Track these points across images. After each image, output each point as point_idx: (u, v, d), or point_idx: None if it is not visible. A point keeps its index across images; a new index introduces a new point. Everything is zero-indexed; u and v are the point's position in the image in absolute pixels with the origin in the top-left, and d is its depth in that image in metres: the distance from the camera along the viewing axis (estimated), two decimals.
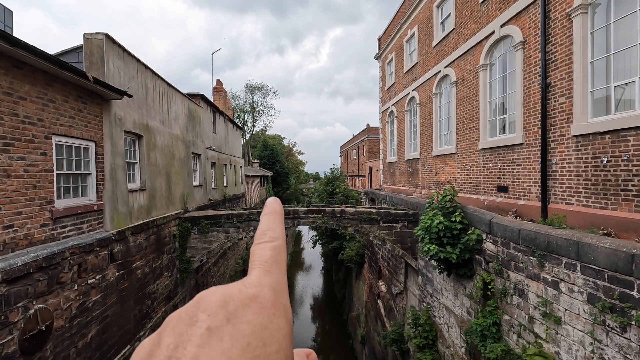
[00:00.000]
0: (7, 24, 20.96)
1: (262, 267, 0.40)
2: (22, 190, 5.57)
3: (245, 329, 0.34)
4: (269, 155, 46.97)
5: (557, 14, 6.84)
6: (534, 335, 5.76)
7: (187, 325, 0.34)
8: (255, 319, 0.35)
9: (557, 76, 6.90)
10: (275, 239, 0.43)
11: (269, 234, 0.44)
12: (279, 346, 0.34)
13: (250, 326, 0.34)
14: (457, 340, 8.51)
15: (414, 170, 15.19)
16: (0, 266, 4.79)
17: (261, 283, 0.38)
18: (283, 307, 0.37)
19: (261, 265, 0.40)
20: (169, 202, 11.39)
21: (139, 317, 8.84)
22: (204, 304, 0.35)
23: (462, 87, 10.94)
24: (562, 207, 6.71)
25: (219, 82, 26.74)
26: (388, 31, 19.18)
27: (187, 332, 0.34)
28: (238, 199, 22.59)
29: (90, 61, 7.81)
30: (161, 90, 11.19)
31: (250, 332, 0.34)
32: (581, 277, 4.83)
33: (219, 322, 0.34)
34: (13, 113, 5.43)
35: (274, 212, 0.47)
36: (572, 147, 6.52)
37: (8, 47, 4.97)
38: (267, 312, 0.36)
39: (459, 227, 7.82)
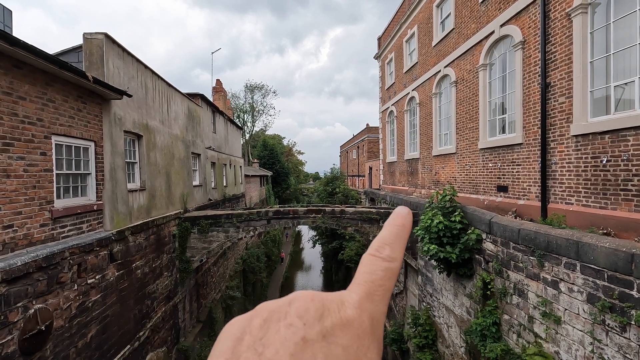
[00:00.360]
0: (6, 23, 20.93)
1: (367, 287, 0.37)
2: (22, 190, 5.57)
3: (339, 354, 0.31)
4: (269, 155, 46.98)
5: (557, 13, 6.84)
6: (533, 334, 5.76)
7: (280, 323, 0.33)
8: (350, 345, 0.32)
9: (556, 76, 6.90)
10: (392, 260, 0.40)
11: (387, 251, 0.40)
12: None
13: (345, 352, 0.32)
14: (456, 340, 8.52)
15: (414, 170, 15.19)
16: (0, 266, 4.79)
17: (362, 307, 0.35)
18: (377, 339, 0.35)
19: (367, 285, 0.37)
20: (169, 202, 11.38)
21: (138, 317, 8.83)
22: (300, 308, 0.34)
23: (461, 87, 10.94)
24: (561, 206, 6.71)
25: (218, 82, 26.72)
26: (388, 31, 19.17)
27: (280, 332, 0.32)
28: (238, 199, 22.58)
29: (90, 61, 7.81)
30: (161, 90, 11.19)
31: (343, 357, 0.32)
32: (581, 277, 4.83)
33: (314, 335, 0.32)
34: (13, 113, 5.42)
35: (403, 227, 0.43)
36: (572, 146, 6.52)
37: (8, 46, 4.97)
38: (362, 342, 0.33)
39: (459, 226, 7.82)
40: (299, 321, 0.32)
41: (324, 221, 11.68)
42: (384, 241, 0.41)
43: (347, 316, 0.34)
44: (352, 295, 0.36)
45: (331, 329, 0.33)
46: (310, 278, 37.46)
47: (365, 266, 0.39)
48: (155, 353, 9.60)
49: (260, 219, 11.69)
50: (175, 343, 11.08)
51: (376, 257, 0.40)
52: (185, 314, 12.23)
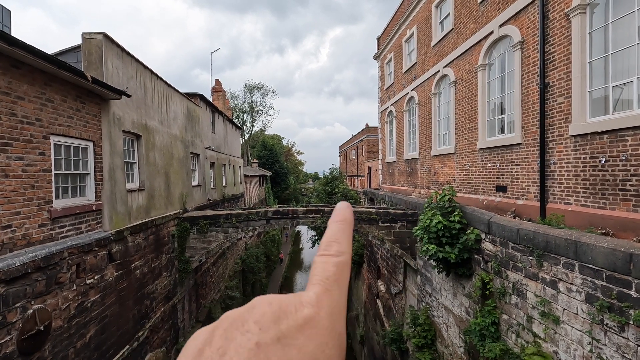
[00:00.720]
0: (5, 23, 20.89)
1: (323, 284, 0.38)
2: (21, 190, 5.56)
3: (294, 355, 0.32)
4: (268, 155, 46.97)
5: (556, 14, 6.85)
6: (532, 334, 5.77)
7: (237, 331, 0.33)
8: (307, 345, 0.33)
9: (555, 76, 6.92)
10: (341, 253, 0.41)
11: (335, 247, 0.41)
12: None
13: (300, 353, 0.32)
14: (455, 339, 8.53)
15: (413, 170, 15.21)
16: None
17: (319, 304, 0.36)
18: (338, 335, 0.35)
19: (322, 282, 0.38)
20: (168, 202, 11.37)
21: (137, 317, 8.82)
22: (257, 313, 0.34)
23: (461, 87, 10.95)
24: (560, 206, 6.72)
25: (217, 82, 26.71)
26: (387, 31, 19.18)
27: (236, 339, 0.32)
28: (237, 199, 22.57)
29: (88, 61, 7.80)
30: (160, 90, 11.18)
31: (298, 359, 0.32)
32: (579, 277, 4.84)
33: (269, 339, 0.32)
34: (11, 113, 5.41)
35: (345, 221, 0.44)
36: (571, 147, 6.53)
37: (6, 46, 4.96)
38: (320, 340, 0.34)
39: (458, 226, 7.83)
40: (255, 327, 0.33)
41: (323, 221, 11.67)
42: (330, 239, 0.42)
43: (304, 315, 0.35)
44: (309, 294, 0.37)
45: (287, 331, 0.33)
46: None
47: (318, 266, 0.40)
48: (154, 353, 9.59)
49: (259, 219, 11.69)
50: (174, 343, 11.07)
51: (325, 255, 0.41)
52: (185, 314, 12.22)
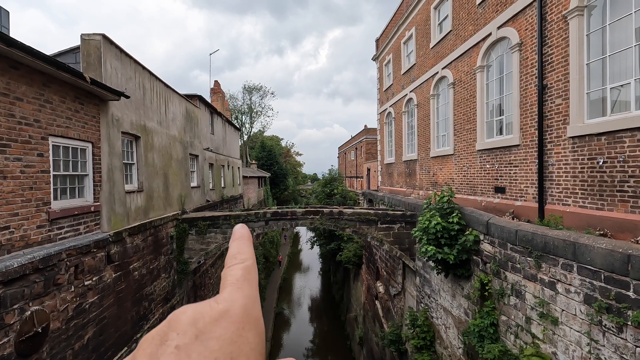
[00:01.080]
0: (3, 24, 20.86)
1: (234, 285, 0.41)
2: (19, 191, 5.54)
3: (213, 345, 0.34)
4: (267, 156, 46.96)
5: (554, 16, 6.88)
6: (531, 335, 5.77)
7: (157, 346, 0.35)
8: (224, 334, 0.35)
9: (553, 78, 6.95)
10: (245, 260, 0.45)
11: (239, 257, 0.45)
12: (248, 355, 0.35)
13: (219, 342, 0.35)
14: (454, 341, 8.53)
15: (412, 172, 15.23)
16: None
17: (232, 298, 0.39)
18: (254, 320, 0.38)
19: (233, 284, 0.41)
20: (167, 203, 11.36)
21: (136, 318, 8.80)
22: (175, 323, 0.36)
23: (459, 89, 10.98)
24: (558, 208, 6.74)
25: (216, 83, 26.71)
26: (386, 33, 19.23)
27: (157, 352, 0.34)
28: (236, 200, 22.55)
29: (87, 62, 7.79)
30: (159, 91, 11.17)
31: (218, 347, 0.34)
32: (578, 278, 4.85)
33: (187, 339, 0.34)
34: (10, 114, 5.40)
35: (242, 237, 0.49)
36: (569, 148, 6.55)
37: (4, 47, 4.95)
38: (236, 327, 0.36)
39: (457, 228, 7.84)
40: (173, 334, 0.35)
41: (322, 222, 11.68)
42: (233, 254, 0.46)
43: (219, 310, 0.37)
44: (223, 294, 0.40)
45: (204, 328, 0.35)
46: (308, 279, 37.44)
47: (227, 276, 0.43)
48: None
49: (258, 220, 11.68)
50: None
51: (231, 266, 0.44)
52: None
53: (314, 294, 32.72)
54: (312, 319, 27.55)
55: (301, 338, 23.89)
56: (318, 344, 23.22)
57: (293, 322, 27.00)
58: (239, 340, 0.36)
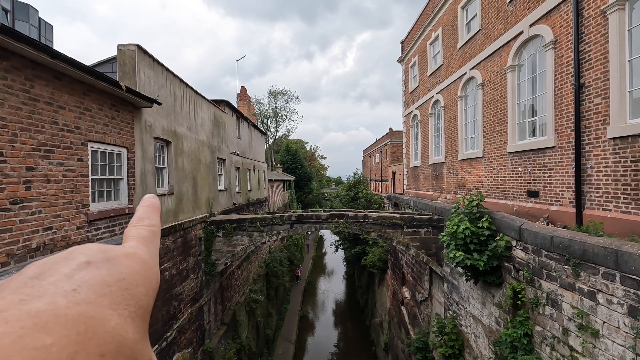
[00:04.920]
0: (48, 38, 22.30)
1: (139, 240, 0.42)
2: (61, 194, 5.89)
3: (123, 270, 0.35)
4: (292, 159, 47.40)
5: (591, 11, 6.54)
6: (569, 348, 5.46)
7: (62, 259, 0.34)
8: (133, 266, 0.37)
9: (591, 76, 6.59)
10: (152, 226, 0.46)
11: (147, 221, 0.46)
12: (147, 291, 0.36)
13: (128, 269, 0.36)
14: (485, 350, 8.20)
15: (439, 175, 14.87)
16: None
17: (138, 248, 0.41)
18: (155, 272, 0.40)
19: (138, 239, 0.42)
20: (195, 206, 11.70)
21: (166, 317, 9.09)
22: (80, 248, 0.36)
23: (488, 89, 10.64)
24: (598, 213, 6.36)
25: (243, 89, 27.33)
26: (411, 34, 18.98)
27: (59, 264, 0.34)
28: (261, 203, 22.90)
29: (123, 71, 8.20)
30: (188, 97, 11.57)
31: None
32: (621, 288, 4.55)
33: (98, 260, 0.35)
34: (53, 121, 5.77)
35: (152, 205, 0.50)
36: (609, 150, 6.18)
37: (49, 59, 5.31)
38: (141, 266, 0.38)
39: (487, 233, 7.57)
40: (81, 255, 0.35)
41: (346, 226, 11.62)
42: (142, 216, 0.47)
43: (126, 250, 0.39)
44: (128, 244, 0.42)
45: (114, 257, 0.36)
46: (332, 283, 37.31)
47: (131, 232, 0.44)
48: (181, 353, 9.83)
49: (283, 223, 11.79)
50: (200, 344, 11.31)
51: (139, 226, 0.45)
52: (210, 316, 12.48)
53: (338, 298, 32.54)
54: (337, 323, 27.38)
55: (325, 342, 23.79)
56: (342, 348, 23.03)
57: (317, 325, 26.95)
58: (145, 275, 0.37)
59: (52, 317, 0.28)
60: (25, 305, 0.28)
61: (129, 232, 0.44)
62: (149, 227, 0.45)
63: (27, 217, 5.21)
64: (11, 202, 4.95)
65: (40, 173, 5.47)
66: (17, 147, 5.07)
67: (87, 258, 0.35)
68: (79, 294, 0.31)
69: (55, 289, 0.30)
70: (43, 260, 0.34)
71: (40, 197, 5.47)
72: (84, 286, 0.32)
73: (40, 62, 5.36)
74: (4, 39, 4.53)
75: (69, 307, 0.29)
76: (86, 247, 0.37)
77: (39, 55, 5.12)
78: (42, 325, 0.27)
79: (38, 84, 5.43)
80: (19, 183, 5.09)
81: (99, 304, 0.31)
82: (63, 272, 0.32)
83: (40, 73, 5.45)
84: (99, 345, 0.29)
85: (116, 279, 0.34)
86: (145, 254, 0.40)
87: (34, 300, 0.29)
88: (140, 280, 0.36)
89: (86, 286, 0.32)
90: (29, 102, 5.27)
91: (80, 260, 0.34)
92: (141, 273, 0.37)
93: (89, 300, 0.31)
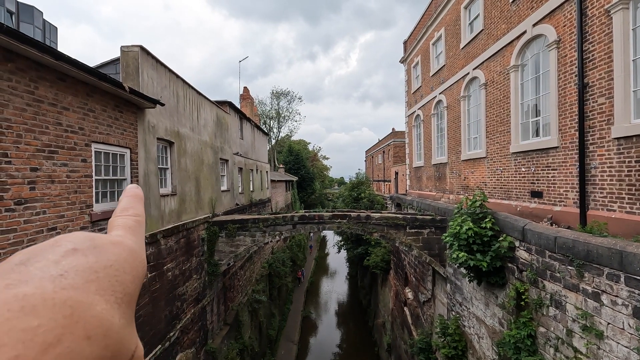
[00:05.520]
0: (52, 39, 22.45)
1: (126, 230, 0.43)
2: (65, 194, 5.93)
3: (110, 257, 0.36)
4: (294, 160, 47.43)
5: (595, 10, 6.50)
6: (573, 349, 5.43)
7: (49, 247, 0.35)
8: (120, 254, 0.37)
9: (595, 76, 6.55)
10: (137, 215, 0.47)
11: (131, 211, 0.47)
12: (133, 279, 0.37)
13: (115, 256, 0.37)
14: (488, 351, 8.17)
15: (442, 175, 14.83)
16: None
17: (125, 236, 0.42)
18: (142, 261, 0.41)
19: (124, 229, 0.43)
20: (198, 207, 11.73)
21: (169, 317, 9.12)
22: (68, 236, 0.37)
23: (491, 89, 10.60)
24: (602, 213, 6.31)
25: (245, 90, 27.38)
26: (414, 34, 18.95)
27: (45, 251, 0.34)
28: (264, 204, 22.92)
29: (126, 72, 8.24)
30: (191, 98, 11.61)
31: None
32: (625, 289, 4.51)
33: (85, 247, 0.35)
34: (57, 122, 5.81)
35: (136, 195, 0.51)
36: (614, 149, 6.14)
37: (53, 60, 5.34)
38: (128, 254, 0.38)
39: (490, 233, 7.54)
40: (68, 243, 0.35)
41: (349, 226, 11.61)
42: (126, 206, 0.48)
43: (113, 238, 0.39)
44: (115, 232, 0.42)
45: (101, 245, 0.37)
46: (335, 283, 37.27)
47: (117, 221, 0.45)
48: (184, 354, 9.86)
49: (286, 224, 11.80)
50: (203, 344, 11.34)
51: (124, 215, 0.46)
52: (213, 316, 12.50)
53: (341, 299, 32.50)
54: (339, 323, 27.34)
55: (328, 343, 23.77)
56: (345, 349, 23.00)
57: (320, 326, 26.93)
58: (132, 263, 0.38)
59: (40, 300, 0.29)
60: (12, 289, 0.29)
61: (115, 222, 0.45)
62: (134, 217, 0.46)
63: (32, 217, 5.25)
64: (16, 202, 4.98)
65: (44, 174, 5.50)
66: (22, 148, 5.11)
67: (74, 245, 0.35)
68: (66, 279, 0.31)
69: (42, 274, 0.31)
70: (30, 247, 0.35)
71: (45, 197, 5.50)
72: (70, 272, 0.32)
73: (45, 63, 5.39)
74: (9, 41, 4.56)
75: (55, 291, 0.30)
76: (73, 235, 0.37)
77: (43, 57, 5.15)
78: (30, 308, 0.28)
79: (42, 85, 5.46)
80: (24, 184, 5.12)
81: (85, 290, 0.32)
82: (50, 258, 0.33)
83: (44, 74, 5.49)
84: (86, 328, 0.29)
85: (103, 266, 0.35)
86: (132, 242, 0.41)
87: (21, 285, 0.29)
88: (128, 268, 0.37)
89: (73, 272, 0.32)
90: (33, 103, 5.31)
91: (68, 247, 0.35)
92: (129, 261, 0.38)
93: (76, 286, 0.31)
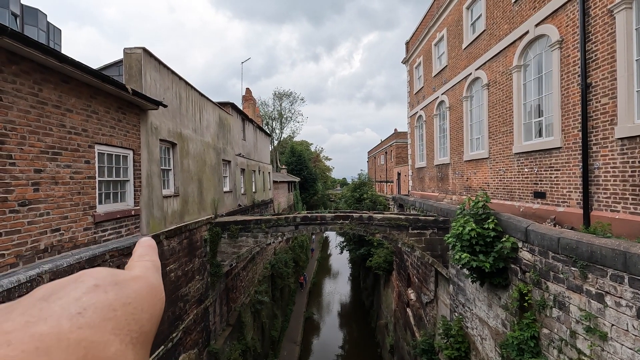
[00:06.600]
0: (56, 41, 22.62)
1: (144, 268, 0.44)
2: (68, 196, 5.96)
3: (130, 293, 0.37)
4: (297, 161, 47.44)
5: (598, 10, 6.48)
6: (576, 351, 5.39)
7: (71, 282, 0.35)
8: (140, 289, 0.38)
9: (598, 76, 6.52)
10: (154, 261, 0.48)
11: (148, 257, 0.48)
12: (151, 317, 0.38)
13: (135, 293, 0.37)
14: (491, 353, 8.13)
15: (444, 176, 14.80)
16: (48, 267, 5.14)
17: (145, 273, 0.43)
18: (161, 298, 0.41)
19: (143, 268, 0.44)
20: (201, 208, 11.76)
21: (172, 318, 9.14)
22: (91, 271, 0.38)
23: (494, 90, 10.58)
24: (606, 214, 6.28)
25: (248, 91, 27.43)
26: (416, 35, 18.94)
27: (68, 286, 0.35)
28: (266, 205, 22.94)
29: (129, 74, 8.28)
30: (194, 99, 11.65)
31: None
32: (630, 290, 4.49)
33: (107, 283, 0.36)
34: (61, 124, 5.85)
35: (150, 246, 0.52)
36: (617, 150, 6.10)
37: (57, 63, 5.38)
38: (149, 290, 0.40)
39: (493, 234, 7.51)
40: (90, 278, 0.36)
41: (351, 227, 11.61)
42: (142, 253, 0.49)
43: (134, 274, 0.41)
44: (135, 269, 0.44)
45: (123, 281, 0.38)
46: (337, 284, 37.23)
47: (137, 264, 0.46)
48: (187, 355, 9.88)
49: (288, 225, 11.81)
50: (206, 345, 11.35)
51: (141, 261, 0.47)
52: (216, 317, 12.52)
53: (344, 300, 32.45)
54: (342, 324, 27.30)
55: (331, 344, 23.73)
56: (348, 350, 22.96)
57: (323, 327, 26.90)
58: (152, 301, 0.39)
59: (55, 341, 0.29)
60: (30, 327, 0.29)
61: (132, 263, 0.46)
62: (151, 262, 0.48)
63: (35, 218, 5.28)
64: (20, 203, 5.02)
65: (48, 175, 5.54)
66: (26, 150, 5.15)
67: (96, 281, 0.36)
68: (84, 317, 0.32)
69: (61, 312, 0.32)
70: (54, 282, 0.36)
71: (48, 199, 5.54)
72: (89, 309, 0.33)
73: (49, 65, 5.43)
74: (14, 43, 4.60)
75: (72, 331, 0.30)
76: (96, 271, 0.38)
77: (47, 59, 5.19)
78: (44, 349, 0.28)
79: (46, 87, 5.50)
80: (27, 185, 5.16)
81: (102, 328, 0.32)
82: (72, 295, 0.34)
83: (48, 77, 5.53)
84: None
85: (122, 303, 0.35)
86: (153, 278, 0.42)
87: (40, 323, 0.30)
88: (146, 306, 0.38)
89: (92, 309, 0.33)
90: (37, 105, 5.35)
91: (90, 283, 0.36)
92: (147, 299, 0.38)
93: (93, 325, 0.32)
